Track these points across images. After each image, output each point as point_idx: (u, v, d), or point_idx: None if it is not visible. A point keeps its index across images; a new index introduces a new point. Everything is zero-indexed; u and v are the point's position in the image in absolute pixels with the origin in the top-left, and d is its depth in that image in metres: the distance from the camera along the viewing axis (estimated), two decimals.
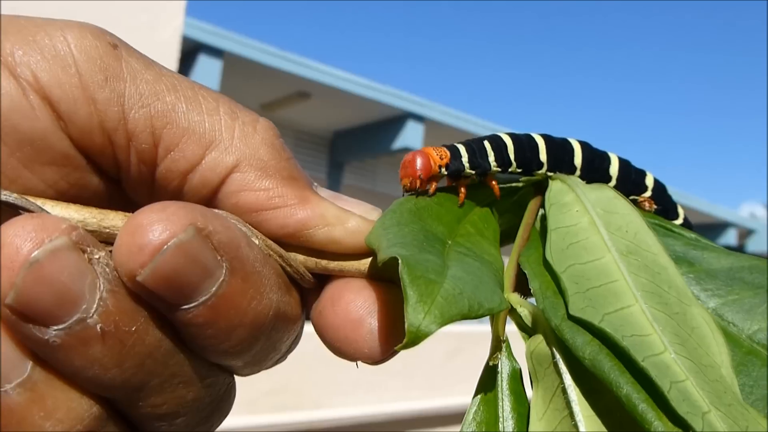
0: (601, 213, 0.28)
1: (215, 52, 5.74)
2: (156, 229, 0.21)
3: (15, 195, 0.22)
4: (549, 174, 0.32)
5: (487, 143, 0.30)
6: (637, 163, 0.34)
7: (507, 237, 0.32)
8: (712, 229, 11.42)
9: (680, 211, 0.35)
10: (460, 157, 0.30)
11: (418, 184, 0.28)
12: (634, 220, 0.28)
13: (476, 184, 0.31)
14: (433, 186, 0.29)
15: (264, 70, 6.27)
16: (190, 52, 5.57)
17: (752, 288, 0.26)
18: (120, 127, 0.23)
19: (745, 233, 11.85)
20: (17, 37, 0.22)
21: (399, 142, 7.31)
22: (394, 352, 0.24)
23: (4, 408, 0.20)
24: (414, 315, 0.21)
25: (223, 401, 0.26)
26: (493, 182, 0.31)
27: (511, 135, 0.31)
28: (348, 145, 8.22)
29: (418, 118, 7.30)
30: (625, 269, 0.25)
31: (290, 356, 0.27)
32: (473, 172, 0.30)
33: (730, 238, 11.33)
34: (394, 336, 0.24)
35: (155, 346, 0.22)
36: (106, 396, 0.22)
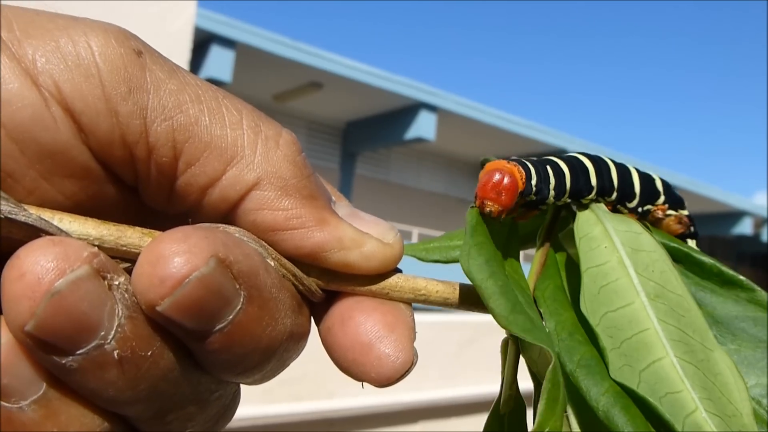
0: (629, 252, 0.27)
1: (228, 42, 5.74)
2: (178, 262, 0.20)
3: (35, 215, 0.21)
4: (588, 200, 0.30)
5: (549, 168, 0.28)
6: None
7: (525, 242, 0.32)
8: (726, 217, 11.31)
9: (684, 208, 0.34)
10: (531, 179, 0.28)
11: (504, 215, 0.26)
12: (659, 258, 0.27)
13: None
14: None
15: (276, 60, 6.26)
16: (203, 42, 5.56)
17: (754, 341, 0.26)
18: (141, 140, 0.22)
19: (761, 222, 11.74)
20: (39, 41, 0.22)
21: (412, 132, 7.29)
22: (399, 379, 0.24)
23: (19, 424, 0.20)
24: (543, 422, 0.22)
25: (229, 409, 0.26)
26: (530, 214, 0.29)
27: (564, 160, 0.29)
28: (361, 135, 8.20)
29: (431, 107, 7.26)
30: (654, 316, 0.25)
31: (306, 347, 0.27)
32: (536, 197, 0.28)
33: (746, 227, 11.23)
34: (402, 362, 0.24)
35: (169, 368, 0.22)
36: (118, 413, 0.22)
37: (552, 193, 0.28)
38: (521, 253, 0.30)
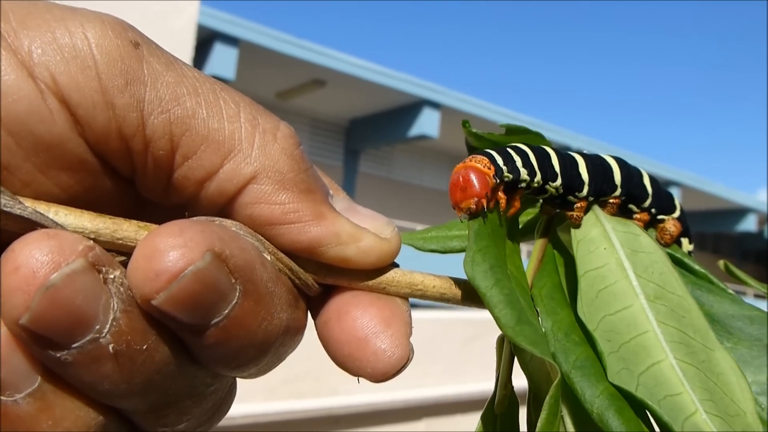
0: (629, 253, 0.27)
1: (231, 40, 5.74)
2: (173, 256, 0.20)
3: (30, 208, 0.21)
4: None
5: (510, 150, 0.28)
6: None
7: (525, 235, 0.32)
8: (731, 214, 11.29)
9: (677, 203, 0.33)
10: (496, 161, 0.27)
11: (484, 204, 0.26)
12: (659, 260, 0.27)
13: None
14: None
15: (280, 58, 6.26)
16: (206, 40, 5.57)
17: (749, 339, 0.26)
18: (138, 133, 0.22)
19: (765, 219, 11.71)
20: (36, 32, 0.21)
21: (415, 130, 7.29)
22: (395, 374, 0.24)
23: (14, 417, 0.20)
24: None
25: (225, 403, 0.26)
26: (518, 199, 0.29)
27: (527, 146, 0.29)
28: (364, 132, 8.20)
29: (434, 105, 7.26)
30: (653, 318, 0.25)
31: (308, 344, 0.27)
32: (511, 175, 0.28)
33: (750, 223, 11.20)
34: (398, 358, 0.24)
35: (165, 362, 0.22)
36: (113, 406, 0.22)
37: (523, 170, 0.28)
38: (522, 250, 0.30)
